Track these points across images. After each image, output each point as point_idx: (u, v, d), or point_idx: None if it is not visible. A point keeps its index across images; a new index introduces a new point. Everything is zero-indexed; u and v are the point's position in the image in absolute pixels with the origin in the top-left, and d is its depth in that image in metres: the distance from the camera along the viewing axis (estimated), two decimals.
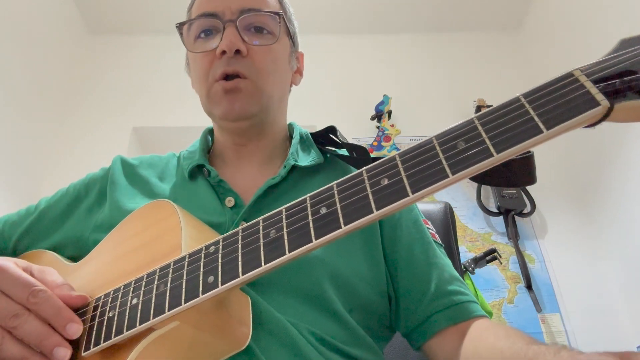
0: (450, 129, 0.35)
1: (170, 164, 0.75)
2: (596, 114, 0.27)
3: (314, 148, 0.74)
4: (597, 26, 2.05)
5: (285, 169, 0.67)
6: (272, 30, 0.69)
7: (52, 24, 2.30)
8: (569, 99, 0.28)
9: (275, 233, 0.40)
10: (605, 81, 0.27)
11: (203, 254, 0.43)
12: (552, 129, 0.28)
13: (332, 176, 0.70)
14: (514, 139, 0.31)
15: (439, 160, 0.35)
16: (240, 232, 0.42)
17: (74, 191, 0.73)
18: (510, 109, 0.32)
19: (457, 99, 2.43)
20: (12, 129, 2.02)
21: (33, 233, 0.70)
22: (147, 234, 0.53)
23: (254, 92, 0.66)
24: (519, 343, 0.45)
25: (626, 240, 1.87)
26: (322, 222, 0.38)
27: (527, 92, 0.31)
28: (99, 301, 0.47)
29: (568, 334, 1.85)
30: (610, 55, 0.28)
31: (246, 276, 0.39)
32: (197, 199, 0.66)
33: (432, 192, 0.34)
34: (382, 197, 0.36)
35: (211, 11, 0.67)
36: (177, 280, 0.43)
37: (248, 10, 0.66)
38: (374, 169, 0.38)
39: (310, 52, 2.44)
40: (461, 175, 0.33)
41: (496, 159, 0.31)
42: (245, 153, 0.73)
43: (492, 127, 0.33)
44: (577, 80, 0.28)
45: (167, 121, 2.37)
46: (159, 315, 0.41)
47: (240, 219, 0.61)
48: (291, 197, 0.64)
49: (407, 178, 0.36)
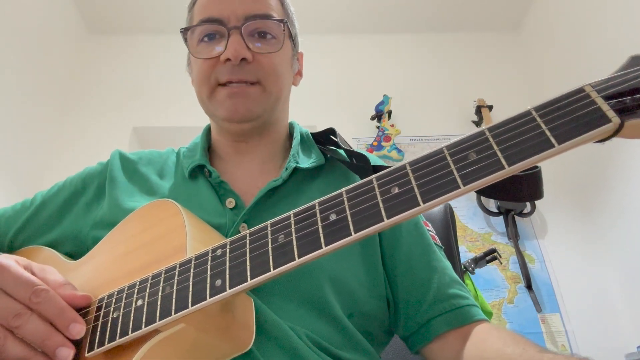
0: (461, 139, 0.36)
1: (169, 161, 0.74)
2: (607, 130, 0.27)
3: (315, 148, 0.74)
4: (597, 26, 2.05)
5: (287, 172, 0.66)
6: (276, 35, 0.68)
7: (51, 23, 2.30)
8: (581, 114, 0.29)
9: (284, 238, 0.40)
10: (615, 98, 0.27)
11: (210, 256, 0.43)
12: (564, 143, 0.29)
13: (333, 179, 0.70)
14: (525, 152, 0.31)
15: (450, 170, 0.35)
16: (248, 236, 0.42)
17: (71, 186, 0.72)
18: (522, 122, 0.32)
19: (457, 98, 2.43)
20: (12, 129, 2.01)
21: (30, 229, 0.69)
22: (150, 233, 0.53)
23: (259, 96, 0.66)
24: (531, 350, 0.45)
25: (626, 240, 1.87)
26: (332, 229, 0.38)
27: (538, 106, 0.32)
28: (102, 301, 0.47)
29: (568, 334, 1.85)
30: (620, 72, 0.28)
31: (254, 281, 0.39)
32: (198, 198, 0.65)
33: (443, 202, 0.35)
34: (392, 206, 0.36)
35: (216, 17, 0.66)
36: (184, 282, 0.42)
37: (253, 16, 0.66)
38: (384, 177, 0.38)
39: (311, 52, 2.44)
40: (473, 187, 0.33)
41: (507, 171, 0.32)
42: (245, 151, 0.72)
43: (503, 139, 0.33)
44: (588, 96, 0.29)
45: (167, 121, 2.36)
46: (165, 317, 0.41)
47: (241, 220, 0.60)
48: (292, 200, 0.65)
49: (418, 187, 0.36)
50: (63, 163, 2.21)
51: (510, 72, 2.54)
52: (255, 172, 0.71)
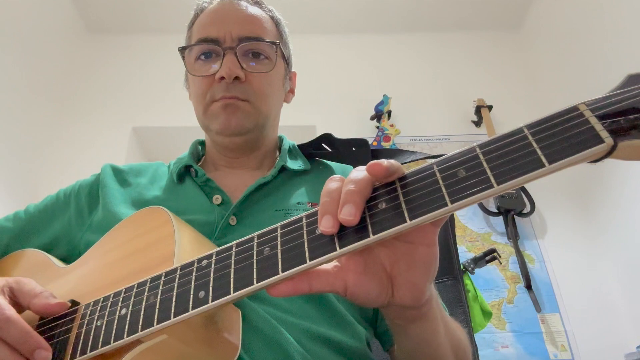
0: (451, 155, 0.35)
1: (159, 170, 0.78)
2: (599, 151, 0.26)
3: (301, 157, 0.79)
4: (597, 26, 2.04)
5: (275, 169, 0.71)
6: (269, 56, 0.72)
7: (50, 23, 2.29)
8: (573, 133, 0.27)
9: (270, 251, 0.39)
10: (610, 118, 0.26)
11: (195, 267, 0.43)
12: (554, 163, 0.28)
13: (321, 179, 0.72)
14: (515, 171, 0.30)
15: (439, 187, 0.34)
16: (234, 248, 0.42)
17: (64, 197, 0.74)
18: (513, 140, 0.31)
19: (457, 98, 2.43)
20: (10, 129, 2.01)
21: (23, 236, 0.71)
22: (141, 240, 0.53)
23: (251, 112, 0.70)
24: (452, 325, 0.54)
25: (626, 239, 1.87)
26: (318, 243, 0.37)
27: (530, 124, 0.31)
28: (87, 308, 0.47)
29: (568, 334, 1.85)
30: (616, 90, 0.27)
31: (237, 294, 0.38)
32: (186, 198, 0.68)
33: (429, 219, 0.34)
34: (379, 222, 0.35)
35: (212, 37, 0.70)
36: (168, 292, 0.42)
37: (247, 38, 0.70)
38: (373, 191, 0.38)
39: (311, 52, 2.45)
40: (460, 205, 0.33)
41: (496, 190, 0.31)
42: (236, 164, 0.76)
43: (493, 157, 0.32)
44: (582, 115, 0.28)
45: (167, 121, 2.36)
46: (147, 327, 0.41)
47: (231, 213, 0.63)
48: (280, 194, 0.69)
49: (406, 203, 0.35)
50: (62, 162, 2.21)
51: (510, 72, 2.53)
52: (245, 176, 0.74)
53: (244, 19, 0.72)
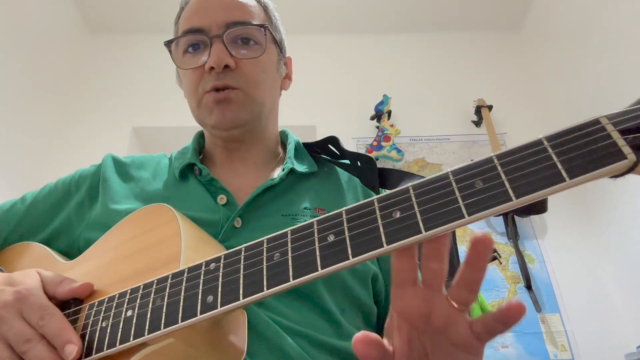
0: (467, 165, 0.34)
1: (161, 163, 0.76)
2: (621, 167, 0.26)
3: (307, 157, 0.76)
4: (597, 26, 2.04)
5: (284, 172, 0.68)
6: (259, 41, 0.69)
7: (50, 22, 2.28)
8: (594, 148, 0.27)
9: (280, 257, 0.38)
10: (632, 133, 0.26)
11: (203, 270, 0.42)
12: (575, 178, 0.28)
13: (328, 182, 0.72)
14: (534, 185, 0.29)
15: (455, 198, 0.33)
16: (243, 252, 0.41)
17: (63, 187, 0.73)
18: (532, 152, 0.31)
19: (457, 99, 2.42)
20: (10, 128, 2.00)
21: (22, 229, 0.70)
22: (145, 239, 0.52)
23: (245, 101, 0.67)
24: None
25: (626, 240, 1.87)
26: (330, 251, 0.36)
27: (550, 135, 0.30)
28: (92, 308, 0.46)
29: (568, 334, 1.85)
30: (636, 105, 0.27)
31: (246, 300, 0.37)
32: (189, 197, 0.66)
33: (445, 231, 0.33)
34: (393, 232, 0.35)
35: (197, 26, 0.67)
36: (175, 295, 0.41)
37: (234, 24, 0.67)
38: (386, 199, 0.37)
39: (310, 51, 2.44)
40: (477, 217, 0.32)
41: (515, 203, 0.30)
42: (237, 157, 0.74)
43: (512, 169, 0.31)
44: (603, 129, 0.27)
45: (167, 121, 2.34)
46: (154, 331, 0.40)
47: (236, 215, 0.61)
48: (287, 199, 0.67)
49: (421, 214, 0.34)
50: (62, 163, 2.19)
51: (510, 72, 2.53)
52: (248, 174, 0.72)
53: (229, 5, 0.69)
